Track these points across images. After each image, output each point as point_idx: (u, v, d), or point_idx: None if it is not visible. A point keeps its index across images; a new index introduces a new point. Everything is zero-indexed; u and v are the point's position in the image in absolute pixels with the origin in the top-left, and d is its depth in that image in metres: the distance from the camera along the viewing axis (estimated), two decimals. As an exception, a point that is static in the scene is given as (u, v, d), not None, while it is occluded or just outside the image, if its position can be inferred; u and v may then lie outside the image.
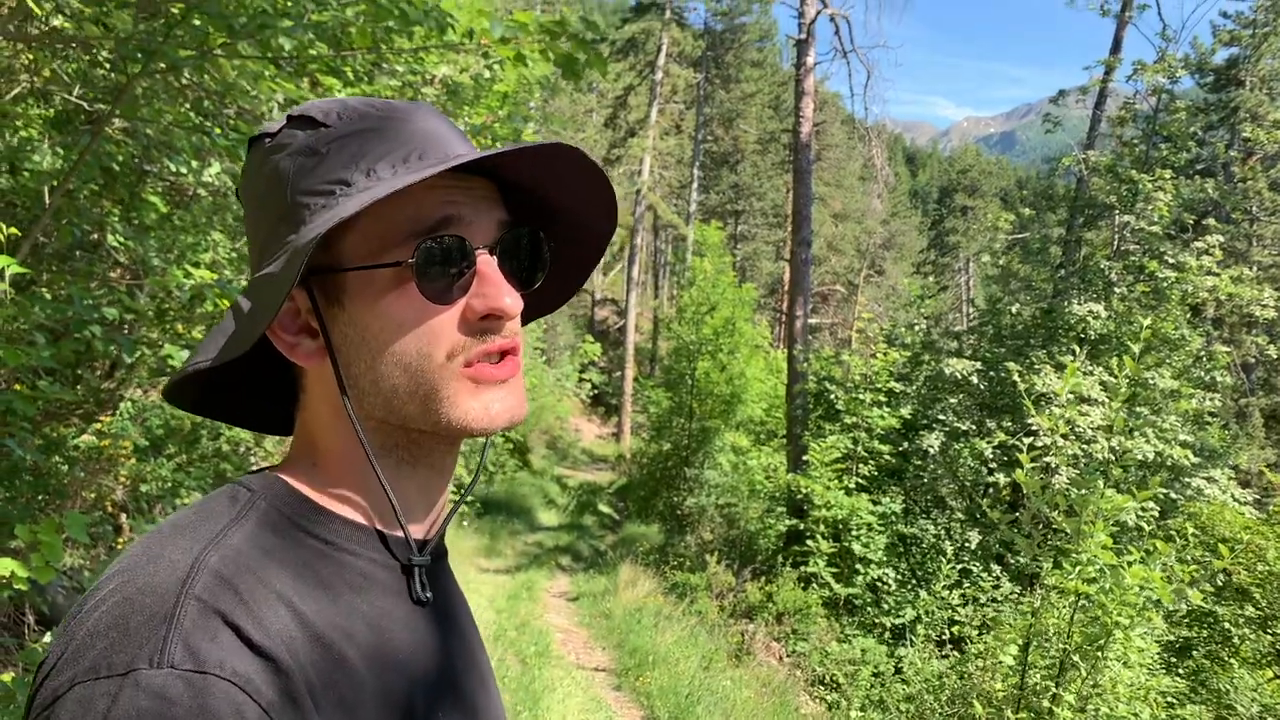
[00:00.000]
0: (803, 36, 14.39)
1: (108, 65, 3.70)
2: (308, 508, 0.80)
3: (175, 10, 2.75)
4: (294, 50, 2.82)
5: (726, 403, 17.56)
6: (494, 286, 0.82)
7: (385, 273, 0.80)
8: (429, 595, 0.84)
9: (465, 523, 14.60)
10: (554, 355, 33.37)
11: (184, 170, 3.99)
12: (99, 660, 0.64)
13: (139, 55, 2.72)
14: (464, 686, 0.87)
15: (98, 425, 3.63)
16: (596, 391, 37.55)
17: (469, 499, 14.97)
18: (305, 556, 0.77)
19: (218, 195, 4.68)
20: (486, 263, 0.83)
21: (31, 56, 3.42)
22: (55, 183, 3.36)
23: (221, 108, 3.89)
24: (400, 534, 0.85)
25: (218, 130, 3.65)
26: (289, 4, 3.16)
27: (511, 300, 0.82)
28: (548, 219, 0.92)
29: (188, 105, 3.70)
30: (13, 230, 2.52)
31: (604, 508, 20.41)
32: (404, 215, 0.80)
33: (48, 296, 3.25)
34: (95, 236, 4.34)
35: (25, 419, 3.23)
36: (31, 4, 2.06)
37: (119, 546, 4.92)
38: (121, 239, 3.99)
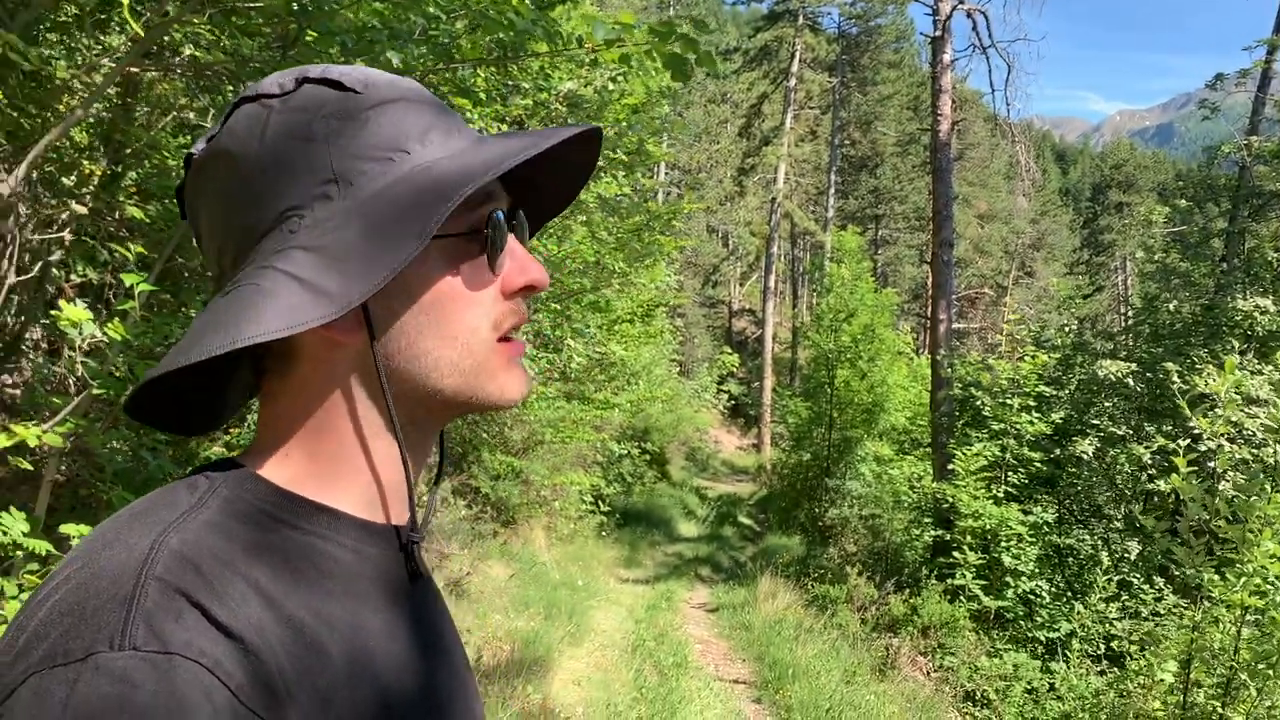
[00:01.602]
0: (938, 34, 14.03)
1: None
2: (276, 493, 0.76)
3: (290, 28, 2.84)
4: (402, 64, 2.87)
5: (868, 411, 17.22)
6: (527, 261, 0.83)
7: (443, 242, 0.78)
8: (421, 570, 0.83)
9: (604, 533, 14.71)
10: (691, 367, 33.38)
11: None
12: (54, 648, 0.60)
13: (259, 77, 2.83)
14: (438, 676, 0.83)
15: (227, 437, 3.79)
16: (735, 403, 37.39)
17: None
18: (273, 542, 0.73)
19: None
20: (514, 239, 0.84)
21: (169, 86, 3.60)
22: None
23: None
24: (381, 522, 0.81)
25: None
26: (402, 22, 3.23)
27: (542, 274, 0.83)
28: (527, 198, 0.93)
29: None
30: (139, 249, 2.64)
31: (744, 519, 20.24)
32: None
33: (191, 315, 3.40)
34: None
35: (164, 434, 3.39)
36: (136, 26, 2.14)
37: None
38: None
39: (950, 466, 11.56)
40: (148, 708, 0.57)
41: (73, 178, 3.73)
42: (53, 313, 2.33)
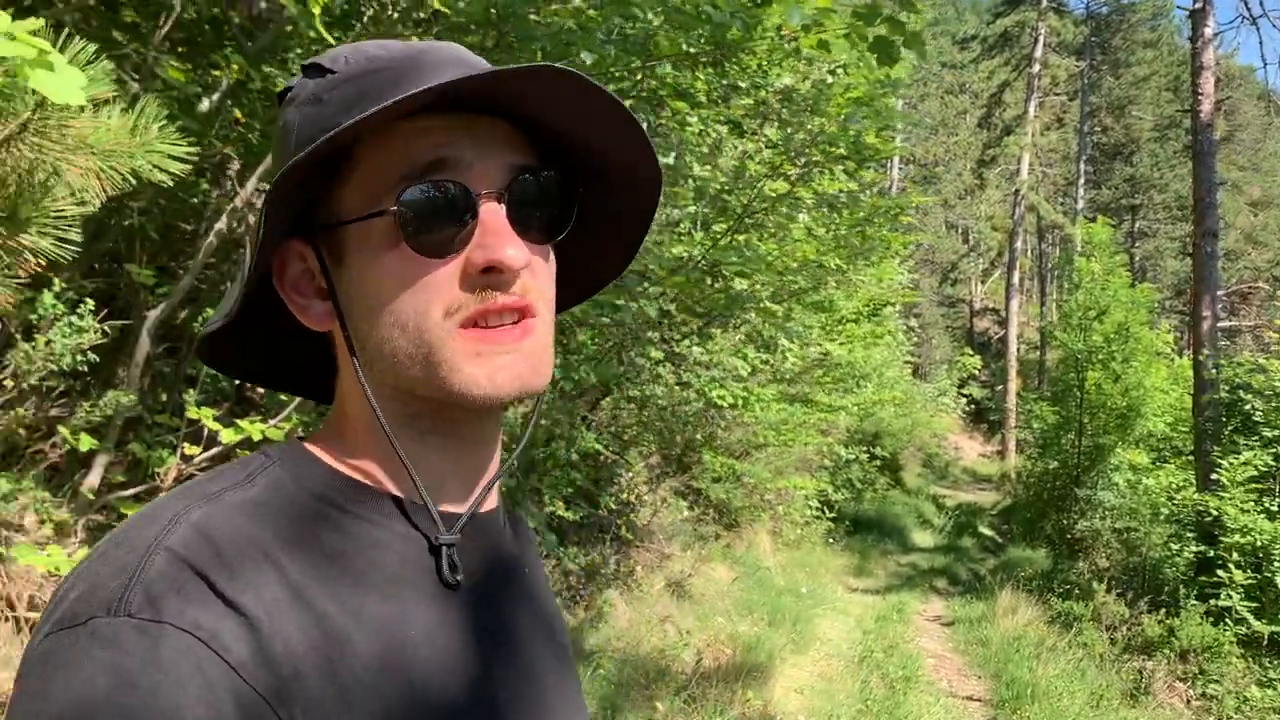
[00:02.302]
0: (1198, 6, 12.92)
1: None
2: (327, 474, 0.75)
3: (491, 34, 2.91)
4: (595, 64, 2.87)
5: (1122, 416, 16.07)
6: (495, 236, 0.73)
7: (380, 225, 0.73)
8: (459, 578, 0.76)
9: (832, 540, 14.42)
10: (928, 370, 32.29)
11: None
12: (66, 612, 0.62)
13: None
14: (495, 678, 0.77)
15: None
16: (977, 407, 35.83)
17: (511, 471, 14.81)
18: (313, 525, 0.71)
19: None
20: (492, 211, 0.73)
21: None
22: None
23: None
24: (438, 509, 0.77)
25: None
26: (599, 22, 3.24)
27: (515, 252, 0.73)
28: (587, 166, 0.81)
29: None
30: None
31: (985, 530, 19.35)
32: (395, 160, 0.73)
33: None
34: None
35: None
36: (326, 34, 2.24)
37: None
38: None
39: (1215, 476, 10.66)
40: (136, 674, 0.58)
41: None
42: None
